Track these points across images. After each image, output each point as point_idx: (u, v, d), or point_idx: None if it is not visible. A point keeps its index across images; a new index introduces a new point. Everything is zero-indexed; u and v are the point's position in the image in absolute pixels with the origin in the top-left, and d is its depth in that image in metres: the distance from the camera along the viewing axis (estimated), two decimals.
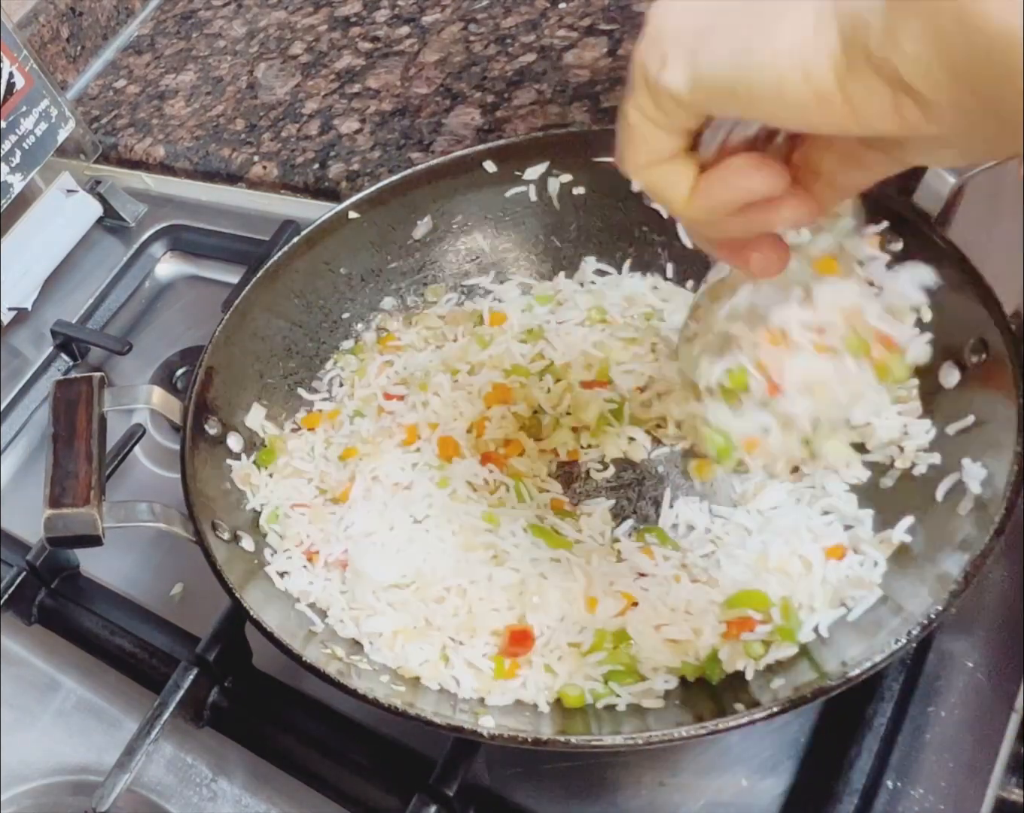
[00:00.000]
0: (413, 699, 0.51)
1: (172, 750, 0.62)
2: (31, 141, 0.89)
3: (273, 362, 0.67)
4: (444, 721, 0.47)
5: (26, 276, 0.92)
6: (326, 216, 0.68)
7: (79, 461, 0.57)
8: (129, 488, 0.77)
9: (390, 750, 0.57)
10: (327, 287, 0.69)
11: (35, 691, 0.68)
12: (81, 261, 0.95)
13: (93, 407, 0.60)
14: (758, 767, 0.52)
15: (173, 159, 0.99)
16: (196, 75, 1.08)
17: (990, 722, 0.50)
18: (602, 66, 0.86)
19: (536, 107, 0.86)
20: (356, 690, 0.48)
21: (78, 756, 0.65)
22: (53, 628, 0.70)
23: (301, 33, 1.05)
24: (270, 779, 0.60)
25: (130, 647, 0.66)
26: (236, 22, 1.12)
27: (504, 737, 0.46)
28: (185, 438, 0.59)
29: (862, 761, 0.50)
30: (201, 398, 0.61)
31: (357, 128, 0.93)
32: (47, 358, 0.89)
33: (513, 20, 0.95)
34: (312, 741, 0.59)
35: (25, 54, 0.87)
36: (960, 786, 0.48)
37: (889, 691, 0.51)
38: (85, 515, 0.55)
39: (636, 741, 0.45)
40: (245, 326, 0.66)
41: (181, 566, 0.70)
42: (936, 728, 0.50)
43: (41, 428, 0.85)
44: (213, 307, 0.75)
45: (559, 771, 0.55)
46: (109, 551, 0.61)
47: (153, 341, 0.88)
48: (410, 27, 1.00)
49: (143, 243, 0.95)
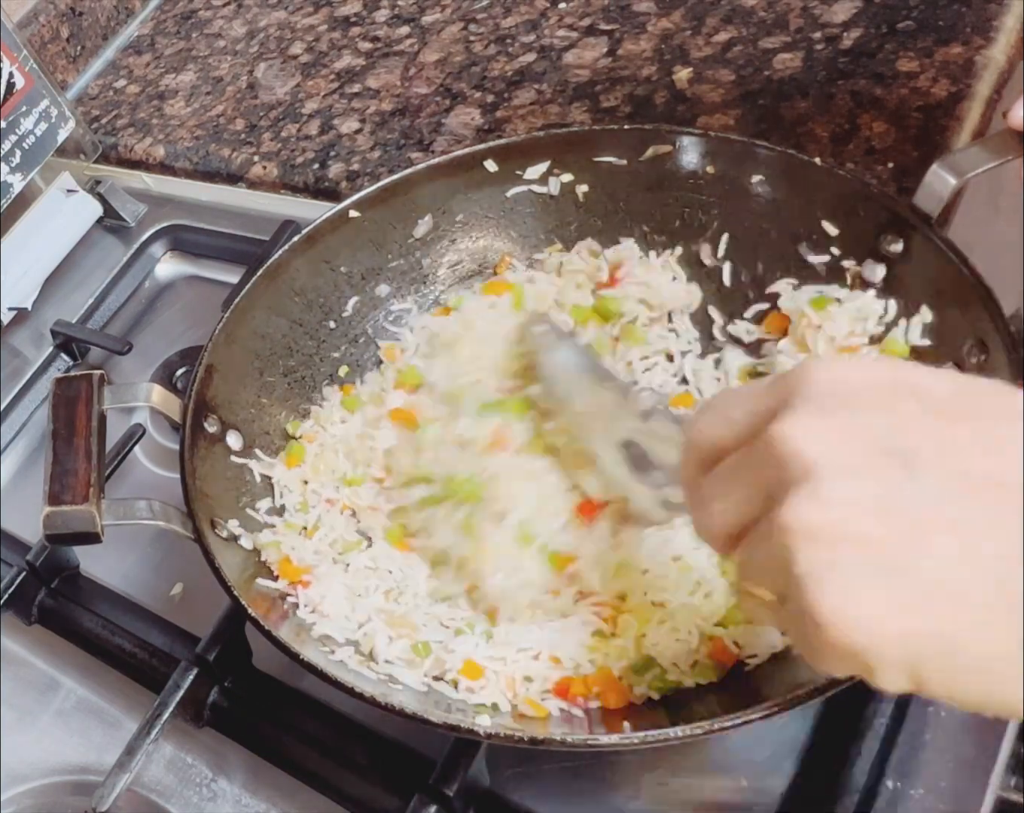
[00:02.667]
0: (412, 699, 0.51)
1: (172, 750, 0.62)
2: (31, 141, 0.89)
3: (273, 360, 0.67)
4: (441, 720, 0.47)
5: (26, 276, 0.92)
6: (327, 215, 0.68)
7: (78, 458, 0.57)
8: (129, 488, 0.77)
9: (390, 750, 0.57)
10: (327, 286, 0.69)
11: (35, 691, 0.68)
12: (81, 261, 0.95)
13: (93, 405, 0.59)
14: (758, 767, 0.52)
15: (173, 159, 0.99)
16: (196, 75, 1.08)
17: (990, 722, 0.50)
18: (602, 66, 0.86)
19: (536, 107, 0.86)
20: (356, 690, 0.48)
21: (78, 756, 0.64)
22: (53, 628, 0.70)
23: (301, 33, 1.05)
24: (270, 779, 0.59)
25: (130, 647, 0.66)
26: (236, 22, 1.12)
27: (501, 736, 0.46)
28: (185, 436, 0.59)
29: (862, 761, 0.50)
30: (201, 396, 0.61)
31: (357, 128, 0.93)
32: (47, 358, 0.89)
33: (513, 20, 0.95)
34: (312, 741, 0.59)
35: (25, 54, 0.87)
36: (960, 786, 0.48)
37: None
38: (84, 512, 0.55)
39: (632, 741, 0.45)
40: (245, 324, 0.65)
41: (181, 566, 0.70)
42: (936, 728, 0.50)
43: (41, 428, 0.85)
44: (213, 307, 0.75)
45: (559, 771, 0.55)
46: (109, 551, 0.60)
47: (153, 341, 0.88)
48: (410, 27, 1.00)
49: (143, 243, 0.95)
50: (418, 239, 0.70)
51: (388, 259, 0.70)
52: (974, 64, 0.73)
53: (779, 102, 0.77)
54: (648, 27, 0.88)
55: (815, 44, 0.80)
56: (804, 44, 0.80)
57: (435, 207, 0.70)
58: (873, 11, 0.80)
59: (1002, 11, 0.75)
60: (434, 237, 0.71)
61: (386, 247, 0.70)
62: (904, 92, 0.73)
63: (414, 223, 0.70)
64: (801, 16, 0.82)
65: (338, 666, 0.52)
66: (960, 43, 0.75)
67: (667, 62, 0.84)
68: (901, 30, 0.77)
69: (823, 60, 0.78)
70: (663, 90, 0.82)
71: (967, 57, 0.74)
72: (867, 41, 0.78)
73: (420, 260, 0.71)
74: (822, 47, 0.79)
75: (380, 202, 0.69)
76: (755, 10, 0.84)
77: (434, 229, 0.70)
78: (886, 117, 0.73)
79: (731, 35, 0.84)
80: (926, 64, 0.74)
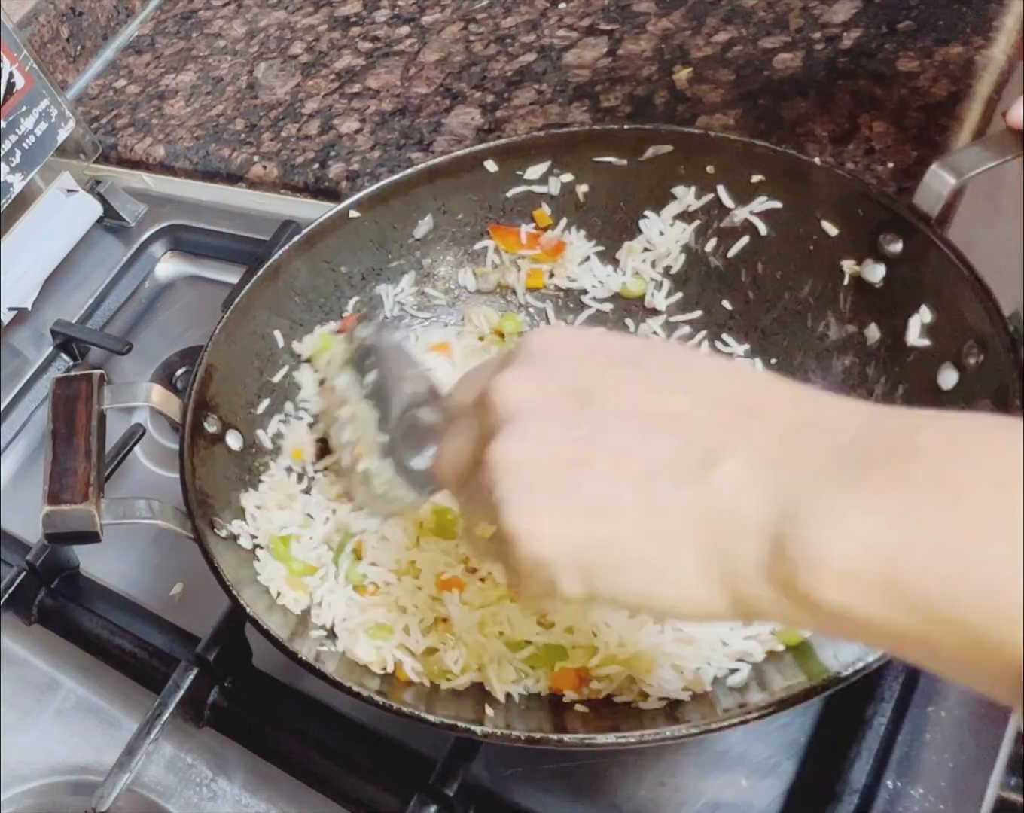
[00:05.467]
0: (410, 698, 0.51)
1: (172, 750, 0.62)
2: (31, 141, 0.89)
3: (273, 360, 0.67)
4: (437, 719, 0.47)
5: (26, 276, 0.92)
6: (327, 215, 0.68)
7: (78, 458, 0.57)
8: (129, 488, 0.77)
9: (390, 750, 0.57)
10: (328, 285, 0.69)
11: (35, 691, 0.68)
12: (81, 261, 0.95)
13: (92, 404, 0.59)
14: (758, 767, 0.52)
15: (173, 159, 0.99)
16: (196, 75, 1.08)
17: (990, 722, 0.50)
18: (602, 66, 0.86)
19: (536, 107, 0.86)
20: (355, 690, 0.48)
21: (78, 756, 0.64)
22: (53, 628, 0.70)
23: (301, 33, 1.05)
24: (270, 779, 0.60)
25: (130, 647, 0.66)
26: (236, 22, 1.12)
27: (498, 736, 0.46)
28: (184, 435, 0.59)
29: (862, 761, 0.50)
30: (201, 395, 0.61)
31: (357, 128, 0.93)
32: (47, 358, 0.89)
33: (513, 20, 0.95)
34: (312, 741, 0.59)
35: (25, 54, 0.87)
36: (960, 786, 0.48)
37: (889, 691, 0.51)
38: (83, 511, 0.55)
39: (629, 740, 0.45)
40: (246, 324, 0.65)
41: (181, 566, 0.70)
42: (936, 728, 0.50)
43: (41, 428, 0.85)
44: (213, 307, 0.75)
45: (559, 771, 0.55)
46: (109, 551, 0.60)
47: (153, 341, 0.88)
48: (410, 27, 1.00)
49: (143, 243, 0.95)
50: (418, 239, 0.70)
51: (388, 259, 0.70)
52: (974, 64, 0.73)
53: (779, 102, 0.77)
54: (648, 27, 0.88)
55: (815, 44, 0.80)
56: (804, 44, 0.80)
57: (436, 207, 0.70)
58: (873, 11, 0.80)
59: (1002, 11, 0.75)
60: (435, 237, 0.71)
61: (386, 247, 0.70)
62: (904, 92, 0.73)
63: (414, 223, 0.70)
64: (801, 16, 0.82)
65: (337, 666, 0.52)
66: (960, 43, 0.75)
67: (667, 62, 0.84)
68: (901, 30, 0.77)
69: (823, 60, 0.78)
70: (663, 90, 0.82)
71: (967, 57, 0.74)
72: (867, 41, 0.78)
73: (420, 260, 0.71)
74: (822, 47, 0.79)
75: (380, 202, 0.69)
76: (755, 10, 0.84)
77: (435, 229, 0.70)
78: (886, 117, 0.73)
79: (731, 35, 0.84)
80: (926, 64, 0.74)
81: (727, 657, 0.51)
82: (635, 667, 0.51)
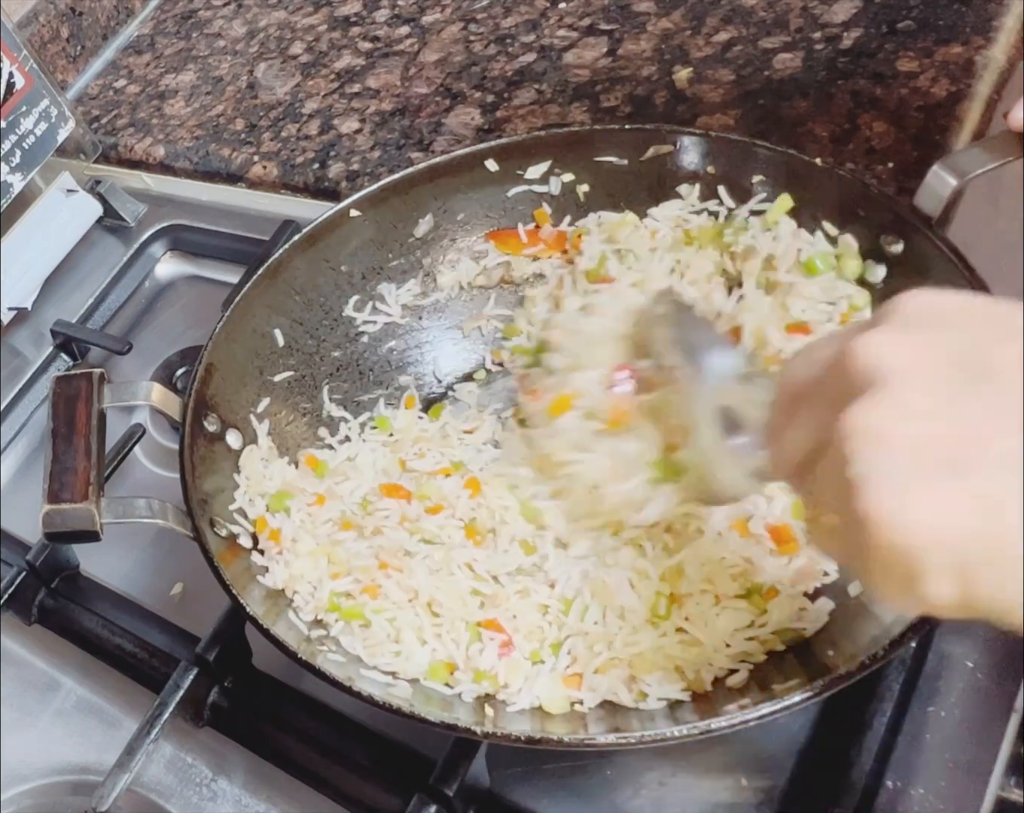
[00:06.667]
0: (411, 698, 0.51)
1: (172, 750, 0.62)
2: (31, 141, 0.89)
3: (273, 359, 0.67)
4: (438, 719, 0.47)
5: (26, 276, 0.92)
6: (327, 214, 0.68)
7: (78, 457, 0.57)
8: (129, 487, 0.77)
9: (390, 750, 0.57)
10: (328, 284, 0.69)
11: (35, 691, 0.68)
12: (81, 261, 0.95)
13: (93, 403, 0.59)
14: (758, 767, 0.52)
15: (173, 159, 0.99)
16: (196, 75, 1.08)
17: (990, 722, 0.50)
18: (602, 66, 0.86)
19: (536, 107, 0.86)
20: (355, 690, 0.48)
21: (78, 756, 0.64)
22: (53, 628, 0.70)
23: (301, 33, 1.05)
24: (270, 779, 0.59)
25: (130, 647, 0.66)
26: (236, 22, 1.12)
27: (498, 736, 0.46)
28: (184, 435, 0.59)
29: (862, 761, 0.50)
30: (201, 395, 0.61)
31: (357, 128, 0.93)
32: (47, 358, 0.89)
33: (513, 20, 0.95)
34: (312, 741, 0.59)
35: (25, 54, 0.87)
36: (960, 786, 0.48)
37: (889, 691, 0.51)
38: (83, 511, 0.55)
39: (629, 740, 0.45)
40: (246, 323, 0.66)
41: (181, 566, 0.70)
42: (936, 728, 0.50)
43: (41, 428, 0.84)
44: (213, 307, 0.74)
45: (559, 771, 0.55)
46: (109, 551, 0.60)
47: (153, 341, 0.88)
48: (410, 27, 1.00)
49: (143, 243, 0.95)
50: (419, 238, 0.71)
51: (388, 258, 0.70)
52: (974, 64, 0.73)
53: (779, 102, 0.77)
54: (648, 27, 0.88)
55: (815, 44, 0.80)
56: (804, 44, 0.80)
57: (436, 206, 0.70)
58: (873, 11, 0.80)
59: (1002, 11, 0.75)
60: (435, 236, 0.71)
61: (387, 246, 0.70)
62: (904, 92, 0.74)
63: (415, 222, 0.70)
64: (801, 16, 0.82)
65: (337, 665, 0.52)
66: (960, 43, 0.75)
67: (667, 62, 0.84)
68: (901, 30, 0.78)
69: (823, 60, 0.78)
70: (663, 90, 0.82)
71: (967, 57, 0.74)
72: (867, 41, 0.78)
73: (420, 259, 0.71)
74: (822, 47, 0.79)
75: (380, 201, 0.69)
76: (755, 10, 0.84)
77: (435, 228, 0.70)
78: (886, 117, 0.73)
79: (731, 35, 0.84)
80: (926, 64, 0.75)
81: (728, 658, 0.51)
82: (636, 667, 0.51)
